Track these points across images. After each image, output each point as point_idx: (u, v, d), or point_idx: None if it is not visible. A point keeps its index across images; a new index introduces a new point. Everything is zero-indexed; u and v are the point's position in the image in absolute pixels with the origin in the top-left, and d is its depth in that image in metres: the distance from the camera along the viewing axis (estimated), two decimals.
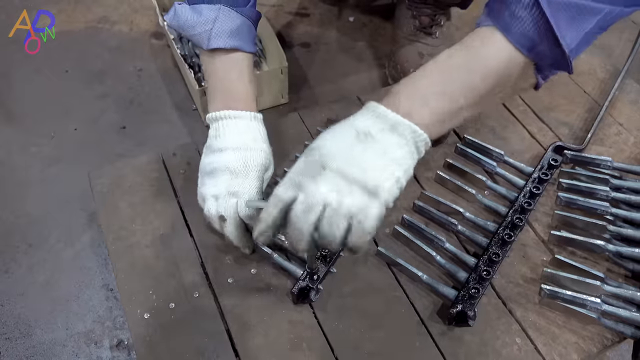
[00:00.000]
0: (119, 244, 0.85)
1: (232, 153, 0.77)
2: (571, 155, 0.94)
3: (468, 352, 0.75)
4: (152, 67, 1.31)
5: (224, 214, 0.75)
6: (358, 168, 0.60)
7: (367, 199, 0.60)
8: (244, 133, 0.79)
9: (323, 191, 0.60)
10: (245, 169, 0.76)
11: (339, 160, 0.61)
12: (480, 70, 0.64)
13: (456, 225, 0.86)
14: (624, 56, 1.17)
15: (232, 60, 0.81)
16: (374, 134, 0.62)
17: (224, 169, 0.76)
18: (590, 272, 0.79)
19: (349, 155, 0.61)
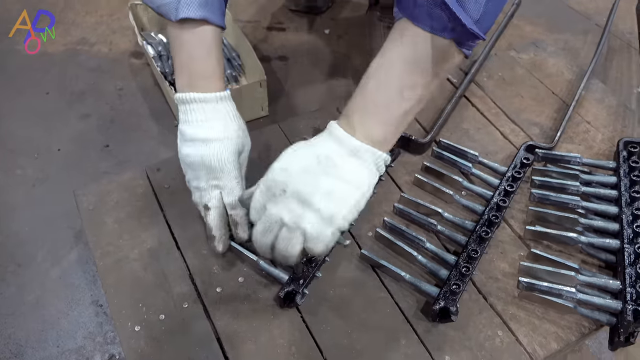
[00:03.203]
0: (106, 260, 0.86)
1: (204, 147, 0.78)
2: (542, 154, 0.98)
3: (452, 347, 0.78)
4: (132, 86, 1.33)
5: (208, 204, 0.79)
6: (318, 194, 0.64)
7: (322, 225, 0.64)
8: (212, 120, 0.79)
9: (281, 214, 0.65)
10: (220, 163, 0.78)
11: (300, 185, 0.64)
12: (413, 68, 0.67)
13: (436, 225, 0.89)
14: (589, 57, 1.23)
15: (200, 34, 0.78)
16: (335, 160, 0.65)
17: (200, 164, 0.78)
18: (565, 264, 0.83)
19: (310, 181, 0.64)
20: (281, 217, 0.65)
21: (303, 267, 0.81)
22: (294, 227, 0.64)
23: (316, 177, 0.64)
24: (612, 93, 1.20)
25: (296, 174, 0.65)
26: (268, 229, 0.66)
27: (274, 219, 0.65)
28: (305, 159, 0.66)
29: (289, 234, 0.65)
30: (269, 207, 0.66)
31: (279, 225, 0.65)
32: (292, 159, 0.67)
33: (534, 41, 1.31)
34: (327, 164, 0.65)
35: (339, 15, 1.54)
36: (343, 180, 0.65)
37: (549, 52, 1.27)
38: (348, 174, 0.65)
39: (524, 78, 1.20)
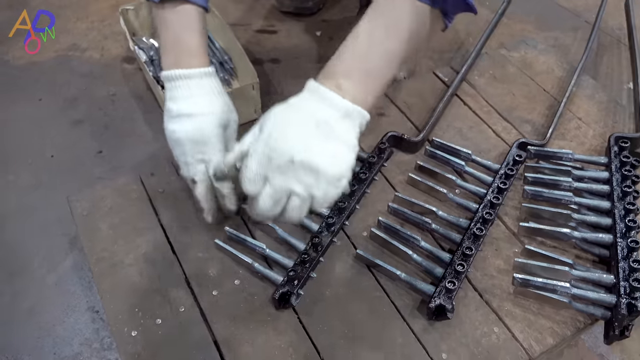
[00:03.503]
0: (102, 265, 0.86)
1: (189, 121, 0.78)
2: (534, 151, 0.99)
3: (449, 345, 0.78)
4: (125, 91, 1.32)
5: (195, 178, 0.81)
6: (325, 160, 0.65)
7: (330, 188, 0.66)
8: (197, 95, 0.79)
9: (290, 185, 0.65)
10: (204, 137, 0.78)
11: (307, 153, 0.64)
12: (398, 35, 0.70)
13: (430, 224, 0.89)
14: (579, 54, 1.24)
15: (182, 13, 0.80)
16: (332, 123, 0.66)
17: (185, 139, 0.79)
18: (559, 259, 0.83)
19: (315, 148, 0.65)
20: (291, 187, 0.65)
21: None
22: (306, 195, 0.66)
23: (319, 142, 0.65)
24: (603, 89, 1.21)
25: (300, 142, 0.65)
26: (277, 201, 0.66)
27: (284, 190, 0.65)
28: (304, 125, 0.66)
29: (300, 203, 0.66)
30: (274, 178, 0.65)
31: (288, 194, 0.66)
32: (289, 126, 0.66)
33: (524, 39, 1.31)
34: (325, 128, 0.66)
35: (330, 17, 1.54)
36: (341, 142, 0.67)
37: (539, 49, 1.28)
38: (344, 136, 0.67)
39: (515, 76, 1.20)
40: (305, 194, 0.66)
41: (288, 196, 0.66)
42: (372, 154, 0.98)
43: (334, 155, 0.66)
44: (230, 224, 0.89)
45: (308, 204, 0.67)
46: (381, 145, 0.99)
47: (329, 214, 0.88)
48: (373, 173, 0.96)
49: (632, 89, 1.17)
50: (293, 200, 0.66)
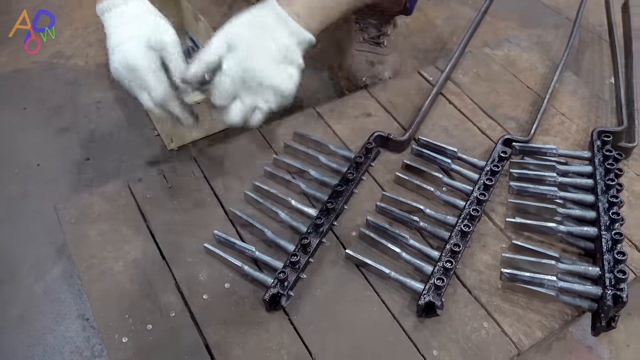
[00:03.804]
0: (91, 272, 0.86)
1: (119, 53, 0.79)
2: (519, 147, 1.00)
3: (440, 341, 0.79)
4: (110, 98, 1.32)
5: (145, 105, 0.83)
6: (285, 82, 0.79)
7: (284, 101, 0.81)
8: (124, 23, 0.80)
9: (257, 102, 0.79)
10: (132, 64, 0.78)
11: (276, 79, 0.78)
12: None
13: (418, 222, 0.90)
14: (561, 51, 1.25)
15: None
16: (292, 49, 0.78)
17: (120, 71, 0.80)
18: (545, 254, 0.84)
19: (281, 74, 0.78)
20: (257, 104, 0.79)
21: None
22: (267, 109, 0.80)
23: (284, 68, 0.79)
24: (585, 85, 1.22)
25: (269, 68, 0.77)
26: (244, 114, 0.80)
27: (250, 105, 0.79)
28: (270, 53, 0.77)
29: (261, 115, 0.81)
30: (245, 96, 0.79)
31: (253, 109, 0.80)
32: (258, 53, 0.77)
33: (508, 37, 1.33)
34: (287, 54, 0.78)
35: None
36: (295, 66, 0.80)
37: (522, 47, 1.29)
38: (297, 60, 0.80)
39: (498, 74, 1.22)
40: (267, 108, 0.80)
41: (253, 110, 0.80)
42: (359, 154, 0.98)
43: (291, 77, 0.79)
44: (219, 228, 0.89)
45: (267, 114, 0.81)
46: (368, 145, 1.00)
47: (318, 214, 0.89)
48: (360, 173, 0.96)
49: (614, 84, 1.19)
50: (257, 113, 0.80)
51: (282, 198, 0.93)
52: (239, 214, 0.90)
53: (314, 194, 0.94)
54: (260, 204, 0.92)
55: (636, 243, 0.90)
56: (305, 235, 0.85)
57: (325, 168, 0.99)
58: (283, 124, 1.08)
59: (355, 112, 1.11)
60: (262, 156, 1.02)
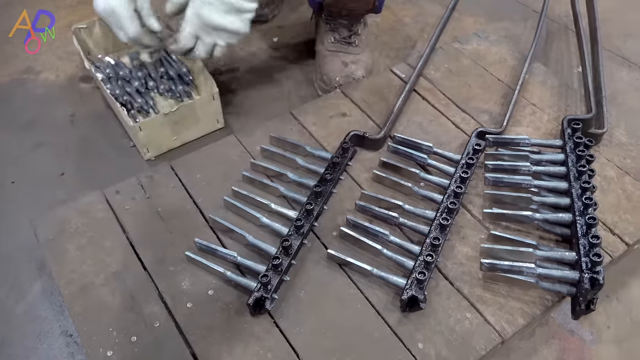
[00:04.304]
0: (72, 288, 0.85)
1: (99, 2, 0.97)
2: (493, 139, 1.01)
3: (425, 334, 0.80)
4: (83, 111, 1.31)
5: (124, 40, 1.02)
6: (234, 26, 0.96)
7: (241, 38, 1.00)
8: None
9: (216, 40, 0.99)
10: (113, 10, 0.97)
11: (225, 24, 0.95)
12: None
13: (398, 218, 0.91)
14: (529, 43, 1.27)
15: None
16: (240, 3, 0.94)
17: (102, 12, 0.99)
18: (523, 242, 0.86)
19: (229, 19, 0.95)
20: (216, 42, 0.99)
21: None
22: (226, 44, 0.99)
23: (233, 15, 0.95)
24: (554, 74, 1.25)
25: (219, 17, 0.94)
26: (207, 50, 0.99)
27: (210, 43, 0.99)
28: (219, 7, 0.94)
29: (221, 49, 1.00)
30: (204, 36, 0.98)
31: (213, 45, 0.99)
32: (209, 6, 0.94)
33: (476, 32, 1.35)
34: (233, 6, 0.94)
35: (286, 23, 1.55)
36: (245, 11, 0.96)
37: (491, 41, 1.31)
38: (246, 6, 0.95)
39: (469, 68, 1.23)
40: (225, 44, 0.99)
41: (213, 46, 0.99)
42: (336, 154, 0.99)
43: (241, 20, 0.96)
44: (199, 235, 0.89)
45: (226, 48, 1.00)
46: (344, 145, 1.01)
47: (298, 216, 0.89)
48: (338, 173, 0.97)
49: (581, 72, 1.21)
50: (217, 49, 1.00)
51: (261, 202, 0.93)
52: (219, 220, 0.90)
53: (293, 196, 0.94)
54: (240, 209, 0.92)
55: (610, 226, 0.92)
56: (286, 237, 0.86)
57: (303, 170, 1.00)
58: (259, 128, 1.08)
59: (330, 112, 1.12)
60: (240, 161, 1.02)
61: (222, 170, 1.01)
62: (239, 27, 0.97)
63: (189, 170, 1.01)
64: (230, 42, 0.99)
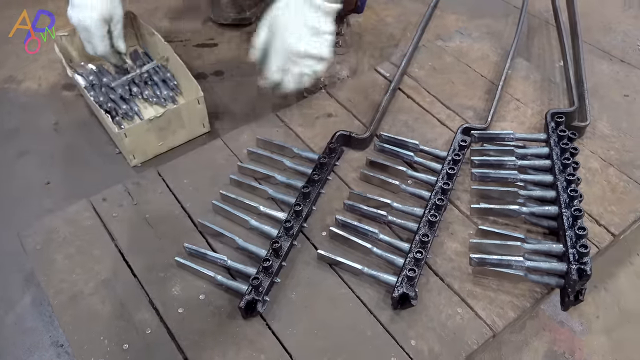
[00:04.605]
0: (61, 297, 0.84)
1: (78, 12, 1.08)
2: (478, 134, 1.02)
3: (417, 331, 0.80)
4: (67, 119, 1.30)
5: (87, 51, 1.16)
6: (320, 49, 0.95)
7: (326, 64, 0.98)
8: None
9: (304, 70, 0.96)
10: (87, 27, 1.09)
11: (312, 50, 0.94)
12: None
13: (386, 216, 0.91)
14: (510, 38, 1.29)
15: None
16: (322, 22, 0.94)
17: (77, 25, 1.10)
18: (510, 235, 0.86)
19: (315, 44, 0.94)
20: (303, 71, 0.96)
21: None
22: (312, 72, 0.97)
23: (317, 39, 0.94)
24: (537, 69, 1.26)
25: (305, 42, 0.93)
26: (296, 80, 0.97)
27: (299, 73, 0.96)
28: (304, 30, 0.93)
29: (309, 78, 0.97)
30: (292, 67, 0.95)
31: (302, 75, 0.96)
32: (295, 32, 0.93)
33: (459, 29, 1.36)
34: (318, 27, 0.93)
35: None
36: (328, 33, 0.95)
37: (473, 37, 1.32)
38: (328, 29, 0.95)
39: (453, 65, 1.24)
40: (311, 72, 0.96)
41: (301, 76, 0.97)
42: (323, 154, 0.99)
43: (324, 43, 0.95)
44: (189, 240, 0.89)
45: (313, 77, 0.98)
46: (331, 145, 1.01)
47: (287, 218, 0.89)
48: (326, 173, 0.97)
49: (563, 67, 1.23)
50: (305, 78, 0.97)
51: (250, 205, 0.93)
52: (208, 224, 0.90)
53: (281, 197, 0.94)
54: (229, 213, 0.92)
55: (596, 217, 0.93)
56: (276, 239, 0.86)
57: (291, 171, 1.00)
58: (245, 131, 1.08)
59: (316, 113, 1.12)
60: (227, 165, 1.02)
61: (209, 174, 1.00)
62: (322, 52, 0.95)
63: (176, 176, 1.00)
64: (317, 69, 0.97)
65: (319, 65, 0.97)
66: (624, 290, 0.98)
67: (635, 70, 1.37)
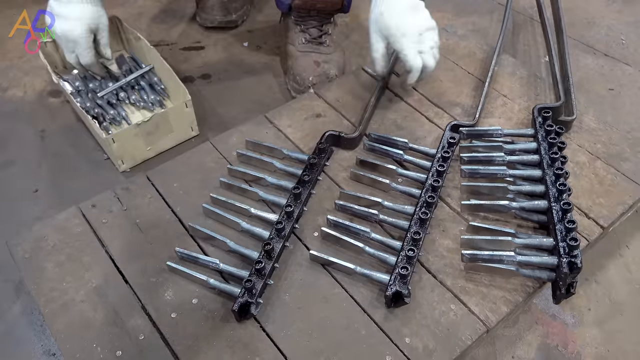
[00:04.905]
0: (52, 306, 0.83)
1: (63, 23, 1.08)
2: (466, 131, 1.03)
3: (411, 328, 0.80)
4: (54, 126, 1.28)
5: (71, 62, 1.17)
6: (429, 22, 1.03)
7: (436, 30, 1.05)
8: (72, 3, 1.07)
9: (430, 43, 1.03)
10: (74, 37, 1.10)
11: (424, 24, 1.02)
12: None
13: (378, 215, 0.91)
14: (496, 35, 1.29)
15: None
16: (417, 3, 1.03)
17: (60, 35, 1.10)
18: (501, 231, 0.87)
19: (419, 19, 1.02)
20: (430, 44, 1.02)
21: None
22: (435, 44, 1.04)
23: (418, 14, 1.02)
24: (523, 65, 1.27)
25: (417, 25, 1.01)
26: (432, 55, 1.04)
27: (428, 48, 1.02)
28: (408, 15, 1.01)
29: (437, 50, 1.04)
30: (421, 47, 1.01)
31: (431, 49, 1.03)
32: (403, 20, 1.01)
33: (444, 27, 1.36)
34: (413, 5, 1.02)
35: (255, 27, 1.55)
36: (423, 7, 1.03)
37: (459, 35, 1.33)
38: (422, 4, 1.03)
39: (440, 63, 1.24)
40: (434, 44, 1.03)
41: (432, 49, 1.03)
42: (313, 155, 0.99)
43: (428, 16, 1.03)
44: (180, 244, 0.88)
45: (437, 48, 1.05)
46: (320, 145, 1.01)
47: (278, 219, 0.89)
48: (316, 174, 0.97)
49: (549, 62, 1.24)
50: (434, 50, 1.03)
51: (241, 207, 0.93)
52: (199, 228, 0.90)
53: (272, 199, 0.94)
54: (220, 216, 0.92)
55: (585, 211, 0.94)
56: (268, 241, 0.85)
57: (281, 173, 0.99)
58: (234, 133, 1.08)
59: (305, 114, 1.12)
60: (216, 168, 1.02)
61: (199, 178, 1.00)
62: (430, 22, 1.02)
63: (165, 180, 1.00)
64: (436, 39, 1.03)
65: (435, 33, 1.04)
66: (614, 282, 0.99)
67: (620, 64, 1.38)
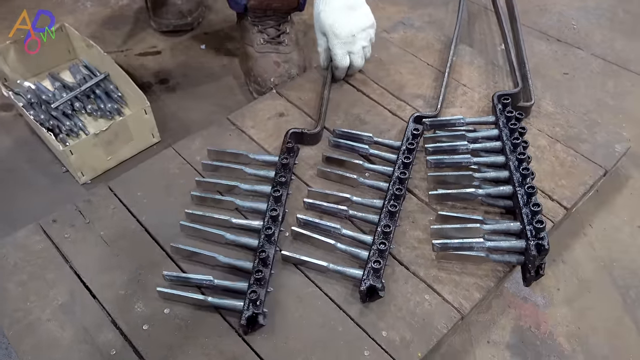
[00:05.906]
0: (17, 327, 0.80)
1: None
2: (429, 122, 1.04)
3: (387, 321, 0.80)
4: (7, 141, 1.23)
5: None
6: (365, 21, 1.09)
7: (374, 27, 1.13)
8: None
9: (362, 44, 1.11)
10: None
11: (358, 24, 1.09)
12: None
13: (347, 211, 0.91)
14: (452, 26, 1.31)
15: None
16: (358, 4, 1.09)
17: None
18: (469, 218, 0.88)
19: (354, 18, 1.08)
20: (362, 45, 1.11)
21: None
22: (369, 42, 1.12)
23: (354, 13, 1.08)
24: (480, 54, 1.29)
25: (352, 25, 1.08)
26: (361, 56, 1.12)
27: (359, 48, 1.11)
28: (347, 15, 1.07)
29: (369, 48, 1.13)
30: (352, 47, 1.10)
31: (363, 48, 1.12)
32: (339, 19, 1.07)
33: (401, 20, 1.37)
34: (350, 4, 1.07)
35: (212, 29, 1.52)
36: (361, 4, 1.10)
37: (416, 27, 1.34)
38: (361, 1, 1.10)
39: (399, 55, 1.25)
40: (368, 42, 1.11)
41: (363, 49, 1.12)
42: (283, 155, 0.97)
43: (365, 14, 1.09)
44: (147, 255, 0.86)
45: (371, 45, 1.13)
46: (288, 144, 1.00)
47: (267, 224, 0.87)
48: (290, 174, 0.96)
49: (505, 50, 1.26)
50: (366, 49, 1.12)
51: (220, 219, 0.90)
52: (182, 247, 0.86)
53: (250, 206, 0.92)
54: (200, 231, 0.89)
55: (549, 193, 0.96)
56: (262, 248, 0.84)
57: (252, 178, 0.97)
58: (196, 137, 1.06)
59: (268, 113, 1.11)
60: (181, 174, 1.00)
61: (163, 185, 0.98)
62: (367, 20, 1.08)
63: (128, 189, 0.97)
64: (372, 36, 1.10)
65: (371, 31, 1.10)
66: (580, 261, 1.02)
67: (572, 49, 1.42)
